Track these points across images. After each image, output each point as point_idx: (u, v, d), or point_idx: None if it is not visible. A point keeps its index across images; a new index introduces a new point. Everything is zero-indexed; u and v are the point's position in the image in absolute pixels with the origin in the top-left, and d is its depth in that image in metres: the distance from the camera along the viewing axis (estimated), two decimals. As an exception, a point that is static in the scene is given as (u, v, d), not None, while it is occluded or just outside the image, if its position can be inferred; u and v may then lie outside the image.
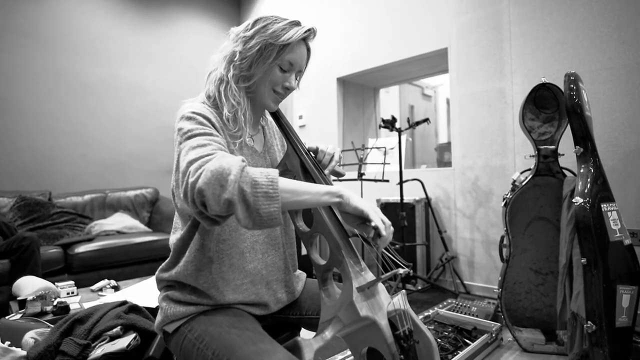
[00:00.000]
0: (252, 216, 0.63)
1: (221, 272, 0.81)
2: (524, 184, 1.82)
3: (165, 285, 0.86)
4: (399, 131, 2.62)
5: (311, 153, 0.96)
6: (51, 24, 3.29)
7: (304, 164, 0.89)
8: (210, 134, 0.75)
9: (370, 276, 0.80)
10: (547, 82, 1.83)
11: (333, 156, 0.98)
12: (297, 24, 0.87)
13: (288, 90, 0.90)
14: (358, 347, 0.76)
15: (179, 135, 0.76)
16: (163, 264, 0.87)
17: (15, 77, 3.11)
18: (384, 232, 0.72)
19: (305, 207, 0.71)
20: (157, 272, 0.87)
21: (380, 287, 0.81)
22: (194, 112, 0.78)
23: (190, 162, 0.67)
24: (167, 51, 4.01)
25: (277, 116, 0.97)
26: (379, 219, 0.73)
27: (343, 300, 0.74)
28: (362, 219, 0.75)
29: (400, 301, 0.80)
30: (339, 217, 0.80)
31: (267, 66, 0.83)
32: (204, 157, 0.67)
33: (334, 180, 1.75)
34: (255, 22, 0.87)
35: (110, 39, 3.63)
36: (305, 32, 0.86)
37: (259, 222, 0.63)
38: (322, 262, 0.83)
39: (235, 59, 0.83)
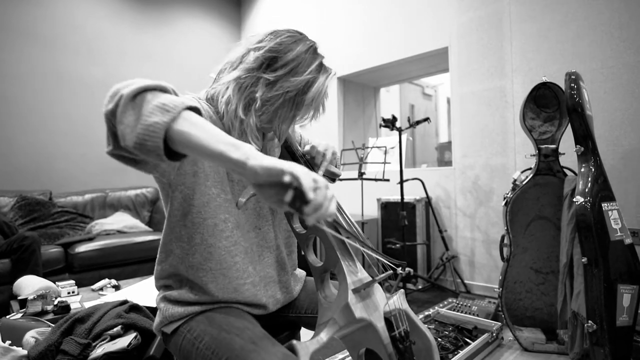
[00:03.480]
0: (136, 126, 0.53)
1: (222, 269, 0.81)
2: (524, 183, 1.82)
3: (162, 284, 0.85)
4: (400, 130, 2.62)
5: (307, 156, 0.93)
6: (51, 24, 3.29)
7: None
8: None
9: (366, 277, 0.80)
10: (548, 81, 1.83)
11: (325, 155, 0.92)
12: (323, 69, 0.81)
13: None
14: (355, 348, 0.76)
15: None
16: (158, 256, 0.84)
17: (15, 77, 3.11)
18: (310, 195, 0.49)
19: (200, 154, 0.53)
20: (155, 265, 0.86)
21: (377, 287, 0.81)
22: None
23: None
24: (166, 50, 4.01)
25: None
26: (302, 171, 0.50)
27: (339, 302, 0.74)
28: (284, 186, 0.51)
29: (397, 301, 0.80)
30: (259, 195, 0.55)
31: (291, 115, 0.80)
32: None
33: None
34: (275, 59, 0.77)
35: (110, 39, 3.63)
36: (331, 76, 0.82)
37: (137, 132, 0.53)
38: (319, 263, 0.83)
39: (256, 105, 0.76)
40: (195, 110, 0.57)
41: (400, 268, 0.79)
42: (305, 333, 0.97)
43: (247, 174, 0.51)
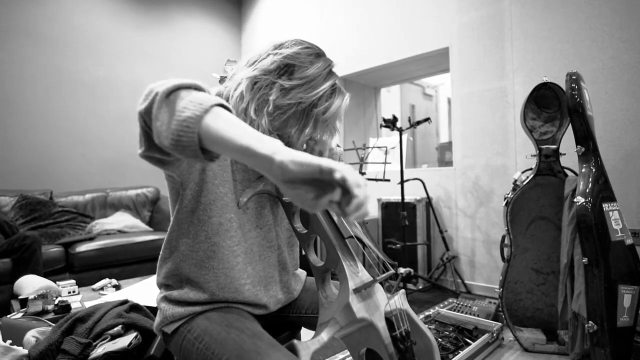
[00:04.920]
0: (170, 122, 0.52)
1: (224, 269, 0.81)
2: (525, 183, 1.82)
3: (164, 283, 0.86)
4: (400, 130, 2.62)
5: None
6: (52, 24, 3.30)
7: None
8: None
9: (367, 277, 0.80)
10: (549, 81, 1.83)
11: (322, 152, 0.89)
12: (338, 90, 0.80)
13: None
14: (356, 348, 0.76)
15: None
16: (161, 253, 0.84)
17: (16, 77, 3.11)
18: (356, 191, 0.47)
19: (226, 149, 0.51)
20: (158, 262, 0.86)
21: (378, 287, 0.81)
22: None
23: None
24: (167, 50, 4.01)
25: None
26: (349, 170, 0.47)
27: (340, 302, 0.74)
28: (321, 186, 0.48)
29: (398, 301, 0.80)
30: (288, 193, 0.51)
31: (301, 126, 0.79)
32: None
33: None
34: (292, 68, 0.76)
35: (111, 38, 3.63)
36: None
37: (172, 129, 0.52)
38: (320, 263, 0.83)
39: (269, 109, 0.75)
40: (226, 108, 0.56)
41: (401, 269, 0.79)
42: (305, 333, 0.97)
43: (274, 169, 0.47)
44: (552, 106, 1.85)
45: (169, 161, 0.63)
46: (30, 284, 1.77)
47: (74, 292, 1.80)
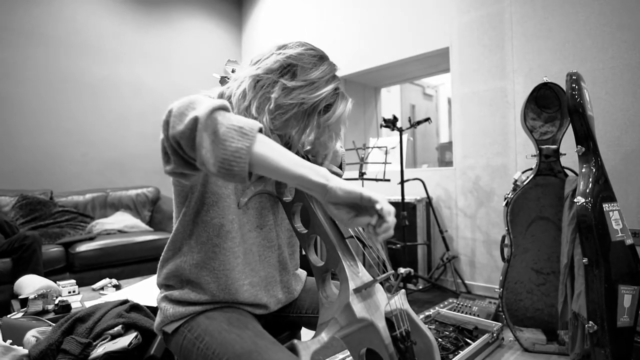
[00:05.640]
0: (216, 150, 0.54)
1: (225, 270, 0.81)
2: (525, 183, 1.82)
3: (164, 284, 0.86)
4: (400, 130, 2.62)
5: (308, 155, 0.91)
6: (53, 24, 3.30)
7: None
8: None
9: (367, 277, 0.80)
10: (549, 81, 1.83)
11: (326, 156, 0.88)
12: (342, 95, 0.80)
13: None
14: (356, 348, 0.76)
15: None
16: (164, 254, 0.84)
17: (17, 76, 3.11)
18: (388, 218, 0.62)
19: (280, 176, 0.59)
20: (160, 262, 0.86)
21: (378, 287, 0.81)
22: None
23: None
24: (168, 50, 4.02)
25: None
26: (381, 199, 0.62)
27: (340, 302, 0.74)
28: (357, 208, 0.63)
29: (398, 301, 0.80)
30: (331, 211, 0.66)
31: (302, 126, 0.78)
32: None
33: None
34: (295, 68, 0.76)
35: (112, 39, 3.63)
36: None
37: (221, 158, 0.54)
38: (320, 263, 0.83)
39: (270, 106, 0.74)
40: (260, 129, 0.59)
41: (402, 269, 0.80)
42: (305, 333, 0.97)
43: (322, 193, 0.60)
44: (553, 106, 1.85)
45: (193, 175, 0.64)
46: (30, 284, 1.77)
47: (74, 292, 1.80)
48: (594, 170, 1.56)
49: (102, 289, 1.88)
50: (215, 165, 0.55)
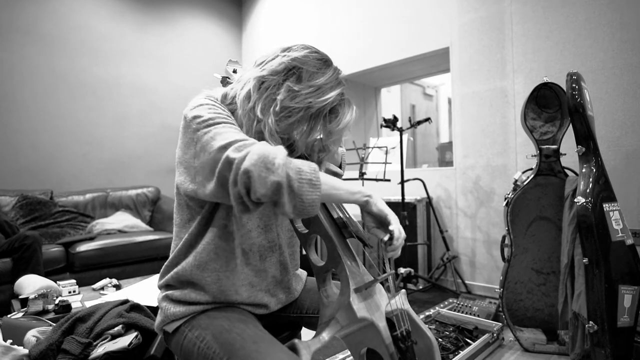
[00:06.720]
0: (295, 202, 0.64)
1: (226, 271, 0.81)
2: (525, 183, 1.82)
3: (165, 284, 0.85)
4: (401, 130, 2.62)
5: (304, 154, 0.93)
6: (53, 24, 3.30)
7: None
8: (233, 124, 0.74)
9: (367, 277, 0.80)
10: (549, 81, 1.83)
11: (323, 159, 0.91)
12: (347, 101, 0.82)
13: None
14: (357, 347, 0.76)
15: (195, 122, 0.72)
16: (171, 259, 0.84)
17: (17, 77, 3.11)
18: (396, 241, 0.79)
19: (337, 202, 0.83)
20: (163, 267, 0.86)
21: (379, 287, 0.81)
22: (211, 100, 0.77)
23: (224, 147, 0.66)
24: (168, 50, 4.01)
25: None
26: (397, 227, 0.80)
27: (340, 302, 0.74)
28: (381, 223, 0.82)
29: (398, 301, 0.80)
30: (364, 216, 0.84)
31: (308, 129, 0.79)
32: (241, 141, 0.66)
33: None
34: (301, 72, 0.76)
35: (112, 39, 3.63)
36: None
37: (301, 208, 0.65)
38: (321, 263, 0.83)
39: (276, 108, 0.75)
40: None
41: (402, 268, 0.81)
42: (306, 332, 0.97)
43: (363, 204, 0.80)
44: (553, 106, 1.85)
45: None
46: (30, 284, 1.77)
47: (74, 291, 1.80)
48: (594, 170, 1.56)
49: (102, 289, 1.88)
50: (294, 212, 0.65)
